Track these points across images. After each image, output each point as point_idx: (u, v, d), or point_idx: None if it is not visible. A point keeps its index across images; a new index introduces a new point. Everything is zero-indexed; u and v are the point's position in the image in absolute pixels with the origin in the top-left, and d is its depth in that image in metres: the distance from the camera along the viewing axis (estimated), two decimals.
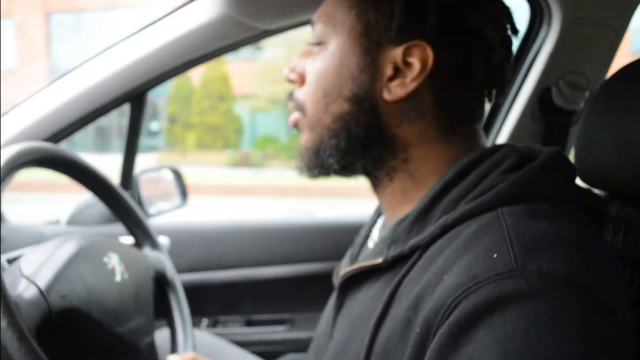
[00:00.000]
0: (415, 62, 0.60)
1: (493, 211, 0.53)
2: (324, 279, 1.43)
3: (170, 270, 0.96)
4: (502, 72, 0.64)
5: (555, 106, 1.17)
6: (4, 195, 1.28)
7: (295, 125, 0.69)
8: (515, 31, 0.65)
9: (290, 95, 0.69)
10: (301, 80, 0.67)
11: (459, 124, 0.63)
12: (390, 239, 0.61)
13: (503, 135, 1.24)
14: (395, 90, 0.61)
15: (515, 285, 0.45)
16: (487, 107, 0.68)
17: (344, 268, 0.70)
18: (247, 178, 11.03)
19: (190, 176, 1.94)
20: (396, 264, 0.59)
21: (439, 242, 0.55)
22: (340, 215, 1.59)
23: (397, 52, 0.60)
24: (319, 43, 0.65)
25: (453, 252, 0.51)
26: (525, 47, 1.20)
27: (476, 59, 0.61)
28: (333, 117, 0.63)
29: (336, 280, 0.76)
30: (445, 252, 0.52)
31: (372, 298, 0.61)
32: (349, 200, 7.37)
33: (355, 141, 0.63)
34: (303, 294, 1.45)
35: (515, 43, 1.17)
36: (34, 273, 0.65)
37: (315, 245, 1.46)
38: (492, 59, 0.62)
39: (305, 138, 0.67)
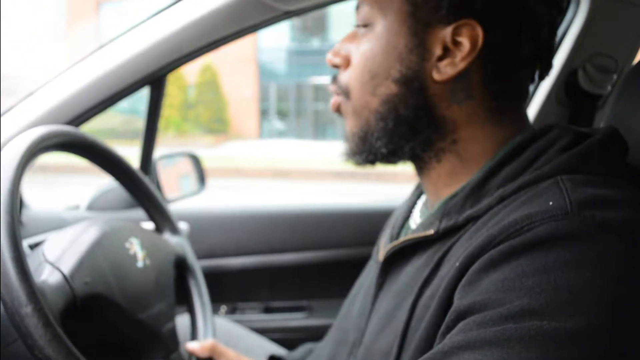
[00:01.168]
0: (464, 41, 0.59)
1: (552, 179, 0.53)
2: (342, 266, 1.43)
3: (191, 256, 0.95)
4: (548, 51, 0.64)
5: (581, 90, 1.14)
6: (26, 180, 1.28)
7: (338, 110, 0.68)
8: (560, 10, 0.64)
9: (334, 79, 0.69)
10: (346, 63, 0.67)
11: (506, 104, 0.63)
12: (443, 212, 0.60)
13: None
14: (445, 70, 0.60)
15: (568, 227, 0.46)
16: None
17: (385, 246, 0.70)
18: None
19: None
20: (447, 235, 0.59)
21: (494, 209, 0.54)
22: (359, 202, 1.58)
23: (446, 32, 0.60)
24: (365, 25, 0.64)
25: (510, 210, 0.51)
26: None
27: (524, 37, 0.61)
28: (381, 99, 0.63)
29: (376, 259, 0.76)
30: (502, 213, 0.52)
31: (419, 268, 0.60)
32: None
33: (403, 123, 0.63)
34: (321, 281, 1.45)
35: None
36: (57, 259, 0.65)
37: (334, 231, 1.45)
38: (539, 36, 0.62)
39: (350, 123, 0.67)
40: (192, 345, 0.86)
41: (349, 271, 1.13)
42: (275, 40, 14.62)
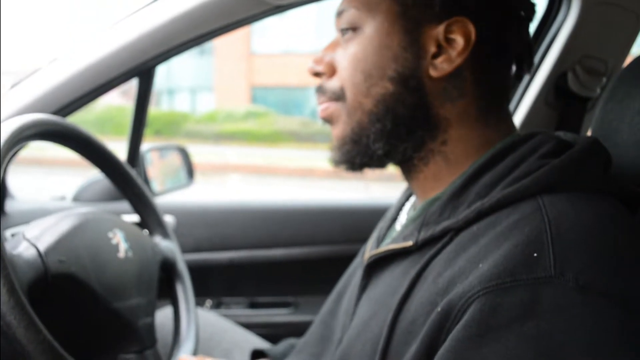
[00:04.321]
0: (458, 38, 0.60)
1: (533, 199, 0.53)
2: (328, 262, 1.43)
3: (181, 262, 0.95)
4: (531, 47, 0.65)
5: (570, 92, 1.15)
6: (12, 170, 1.27)
7: (328, 118, 0.68)
8: (535, 10, 0.66)
9: (320, 89, 0.68)
10: (331, 71, 0.67)
11: (494, 103, 0.63)
12: (422, 221, 0.60)
13: (515, 121, 1.22)
14: (441, 66, 0.61)
15: (552, 293, 0.45)
16: None
17: (370, 251, 0.70)
18: None
19: None
20: (425, 245, 0.59)
21: (474, 228, 0.54)
22: (344, 198, 1.58)
23: (439, 30, 0.60)
24: (352, 29, 0.64)
25: (491, 241, 0.51)
26: (542, 30, 1.17)
27: (511, 35, 0.62)
28: (376, 100, 0.63)
29: (361, 261, 0.76)
30: (482, 240, 0.52)
31: (397, 277, 0.61)
32: None
33: (401, 123, 0.63)
34: (307, 277, 1.45)
35: (533, 26, 1.15)
36: (36, 237, 0.65)
37: (320, 228, 1.45)
38: (523, 34, 0.63)
39: (340, 128, 0.66)
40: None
41: (336, 268, 1.13)
42: None
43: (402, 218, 0.74)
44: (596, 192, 0.55)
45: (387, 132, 0.63)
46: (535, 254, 0.47)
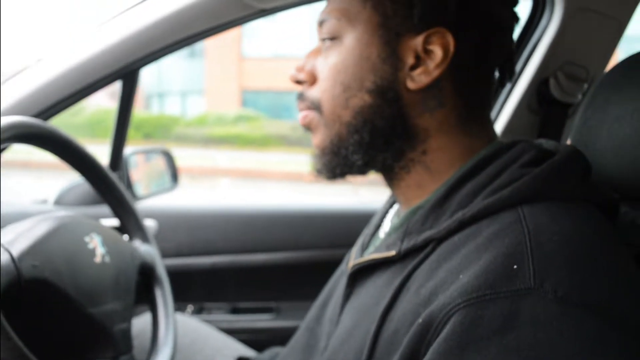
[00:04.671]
0: (436, 49, 0.60)
1: (513, 209, 0.53)
2: (311, 267, 1.42)
3: (160, 267, 0.94)
4: (512, 56, 0.65)
5: (552, 98, 1.15)
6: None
7: (307, 125, 0.67)
8: (518, 17, 0.66)
9: (301, 96, 0.68)
10: (312, 79, 0.66)
11: (474, 112, 0.63)
12: (404, 231, 0.60)
13: (498, 127, 1.23)
14: (419, 78, 0.60)
15: (531, 305, 0.45)
16: None
17: (354, 259, 0.70)
18: None
19: None
20: (408, 255, 0.59)
21: (455, 238, 0.54)
22: (329, 203, 1.58)
23: (417, 41, 0.60)
24: (332, 38, 0.64)
25: (472, 252, 0.51)
26: (525, 36, 1.18)
27: (492, 44, 0.62)
28: (354, 112, 0.62)
29: (345, 269, 0.76)
30: (463, 250, 0.52)
31: (381, 287, 0.60)
32: None
33: (379, 134, 0.63)
34: (289, 283, 1.44)
35: (516, 32, 1.16)
36: (10, 242, 0.64)
37: (304, 232, 1.45)
38: (505, 43, 0.63)
39: (319, 138, 0.66)
40: None
41: (319, 273, 1.12)
42: None
43: (386, 226, 0.73)
44: (576, 201, 0.55)
45: (365, 143, 0.63)
46: (515, 266, 0.48)
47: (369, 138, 0.63)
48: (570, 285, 0.46)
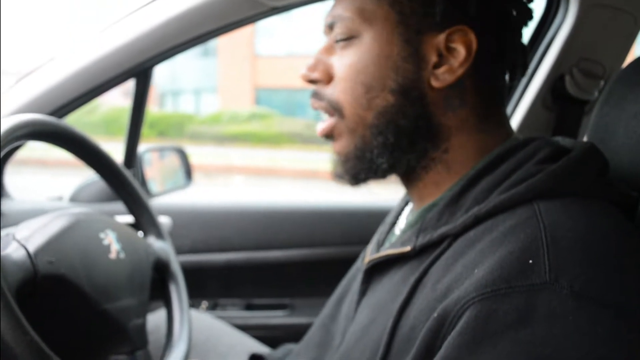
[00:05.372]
0: (459, 47, 0.59)
1: (529, 205, 0.52)
2: (325, 264, 1.42)
3: (175, 263, 0.95)
4: (525, 53, 0.65)
5: (568, 95, 1.14)
6: (10, 170, 1.27)
7: (328, 134, 0.66)
8: (532, 15, 0.66)
9: (316, 94, 0.66)
10: (327, 78, 0.65)
11: (493, 109, 0.63)
12: (420, 227, 0.60)
13: (513, 124, 1.22)
14: (443, 77, 0.60)
15: (547, 300, 0.45)
16: None
17: (370, 255, 0.70)
18: None
19: None
20: (424, 251, 0.59)
21: (471, 233, 0.54)
22: (343, 200, 1.57)
23: (439, 39, 0.60)
24: (348, 38, 0.63)
25: (487, 246, 0.51)
26: (540, 33, 1.17)
27: (509, 41, 0.62)
28: (377, 112, 0.62)
29: (361, 265, 0.75)
30: (479, 245, 0.52)
31: (397, 283, 0.60)
32: None
33: (403, 135, 0.62)
34: (304, 280, 1.44)
35: (530, 29, 1.15)
36: (26, 238, 0.65)
37: (318, 230, 1.45)
38: (519, 40, 0.63)
39: (342, 144, 0.65)
40: None
41: (333, 270, 1.13)
42: None
43: (401, 223, 0.73)
44: (592, 198, 0.55)
45: (389, 144, 0.62)
46: (530, 261, 0.47)
47: (393, 139, 0.62)
48: (586, 280, 0.46)
